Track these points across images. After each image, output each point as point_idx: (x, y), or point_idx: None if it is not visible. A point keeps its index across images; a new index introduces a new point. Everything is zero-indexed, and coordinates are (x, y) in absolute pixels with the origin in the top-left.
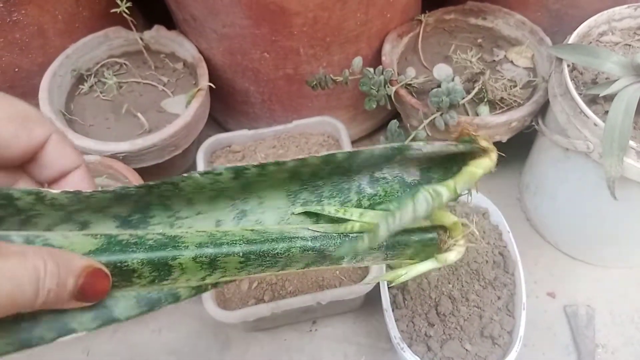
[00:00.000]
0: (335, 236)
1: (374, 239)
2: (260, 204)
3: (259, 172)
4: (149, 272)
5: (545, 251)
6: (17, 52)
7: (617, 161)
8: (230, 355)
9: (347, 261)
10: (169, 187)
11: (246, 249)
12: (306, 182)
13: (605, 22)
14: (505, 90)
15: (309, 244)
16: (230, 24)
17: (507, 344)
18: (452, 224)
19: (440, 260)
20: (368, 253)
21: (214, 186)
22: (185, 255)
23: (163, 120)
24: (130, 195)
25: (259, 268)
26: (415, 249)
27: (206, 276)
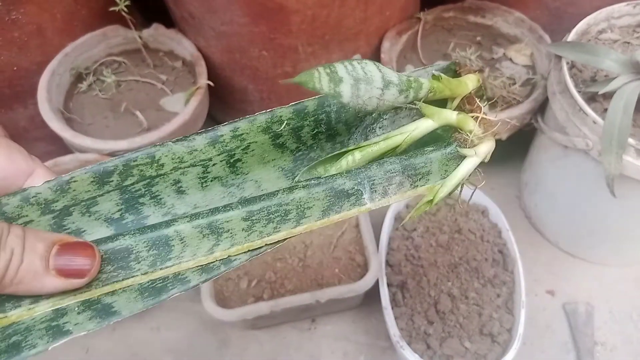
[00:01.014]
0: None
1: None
2: (258, 187)
3: (233, 134)
4: (146, 250)
5: (545, 249)
6: (16, 51)
7: (616, 159)
8: (229, 354)
9: (368, 196)
10: (145, 160)
11: (246, 208)
12: (297, 154)
13: (604, 19)
14: (505, 88)
15: (313, 183)
16: (229, 21)
17: (507, 341)
18: (459, 121)
19: (473, 154)
20: (386, 180)
21: (195, 159)
22: (181, 224)
23: (162, 119)
24: (110, 172)
25: (270, 226)
26: (440, 163)
27: (213, 247)
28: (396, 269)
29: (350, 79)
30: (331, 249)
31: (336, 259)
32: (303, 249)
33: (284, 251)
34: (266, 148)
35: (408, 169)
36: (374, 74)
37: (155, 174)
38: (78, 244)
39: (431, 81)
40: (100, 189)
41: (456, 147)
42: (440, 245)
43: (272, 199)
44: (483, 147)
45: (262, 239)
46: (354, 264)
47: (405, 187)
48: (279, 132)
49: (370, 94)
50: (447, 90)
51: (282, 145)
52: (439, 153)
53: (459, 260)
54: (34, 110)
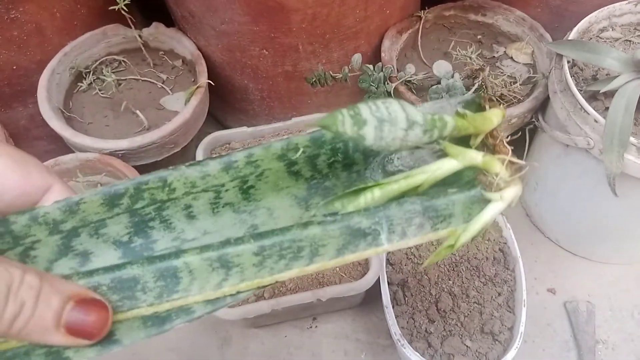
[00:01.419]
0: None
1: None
2: (270, 215)
3: (247, 160)
4: (153, 280)
5: (546, 247)
6: (15, 50)
7: (617, 157)
8: (230, 352)
9: (386, 237)
10: (157, 183)
11: (258, 243)
12: (311, 182)
13: (606, 18)
14: (505, 87)
15: (329, 220)
16: (229, 20)
17: (508, 340)
18: (485, 163)
19: (499, 198)
20: (406, 220)
21: (207, 184)
22: (191, 255)
23: (162, 118)
24: (121, 194)
25: (282, 262)
26: (463, 206)
27: (222, 281)
28: (397, 267)
29: (374, 120)
30: None
31: None
32: None
33: None
34: (280, 175)
35: (429, 210)
36: (398, 114)
37: (166, 198)
38: (94, 302)
39: (456, 119)
40: (109, 211)
41: (481, 191)
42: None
43: (286, 234)
44: (509, 192)
45: (272, 276)
46: (355, 262)
47: (426, 229)
48: (294, 160)
49: (393, 135)
50: (472, 127)
51: (296, 173)
52: (462, 196)
53: (460, 258)
54: (34, 109)
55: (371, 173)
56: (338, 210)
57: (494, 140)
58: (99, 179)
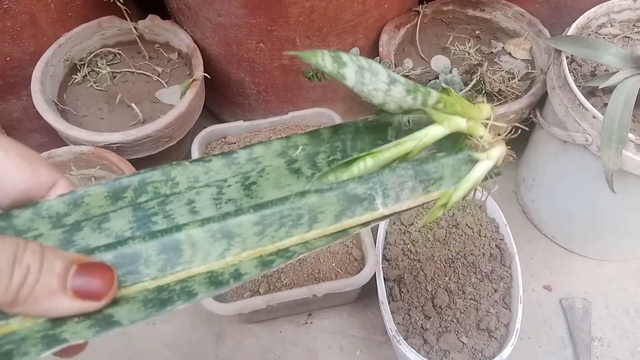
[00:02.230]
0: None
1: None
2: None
3: (249, 157)
4: (156, 254)
5: (542, 244)
6: (9, 41)
7: (615, 154)
8: (225, 347)
9: (381, 201)
10: (160, 177)
11: (259, 212)
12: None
13: (605, 14)
14: (503, 82)
15: (325, 188)
16: (226, 13)
17: (504, 336)
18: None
19: (485, 157)
20: (399, 185)
21: (210, 179)
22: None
23: (157, 111)
24: (125, 187)
25: (282, 230)
26: (452, 168)
27: (225, 251)
28: (393, 263)
29: (354, 65)
30: None
31: (333, 253)
32: None
33: None
34: (281, 172)
35: (420, 174)
36: (379, 69)
37: (169, 192)
38: (97, 265)
39: (440, 93)
40: (113, 204)
41: (468, 152)
42: (437, 239)
43: (285, 203)
44: (495, 151)
45: (274, 244)
46: (351, 258)
47: (418, 192)
48: (294, 158)
49: (375, 85)
50: (459, 106)
51: (297, 170)
52: (451, 158)
53: (456, 255)
54: (28, 101)
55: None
56: (333, 182)
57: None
58: (93, 172)
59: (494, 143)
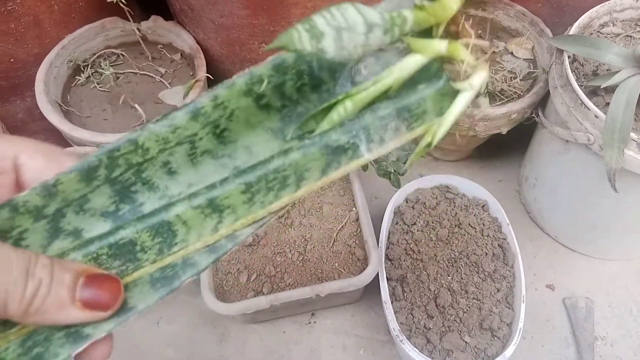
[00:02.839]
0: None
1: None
2: (250, 153)
3: (214, 104)
4: (150, 239)
5: (545, 243)
6: (13, 43)
7: (618, 153)
8: (229, 347)
9: (365, 147)
10: (129, 148)
11: (243, 180)
12: (284, 111)
13: (607, 13)
14: (505, 82)
15: (307, 143)
16: (228, 13)
17: (507, 336)
18: (450, 50)
19: (468, 87)
20: (382, 127)
21: (180, 137)
22: (181, 206)
23: (161, 112)
24: (95, 167)
25: (271, 194)
26: (434, 100)
27: (217, 225)
28: (396, 263)
29: (332, 30)
30: (331, 243)
31: (336, 253)
32: (303, 243)
33: (284, 245)
34: (251, 111)
35: (402, 111)
36: (355, 18)
37: (142, 160)
38: (104, 276)
39: (415, 12)
40: (89, 185)
41: (449, 82)
42: (440, 239)
43: (268, 166)
44: (476, 78)
45: (264, 209)
46: (354, 258)
47: (402, 131)
48: (261, 93)
49: (354, 42)
50: (432, 18)
51: (267, 105)
52: (432, 90)
53: (459, 254)
54: (32, 102)
55: (341, 88)
56: (312, 130)
57: (456, 27)
58: None
59: (475, 67)
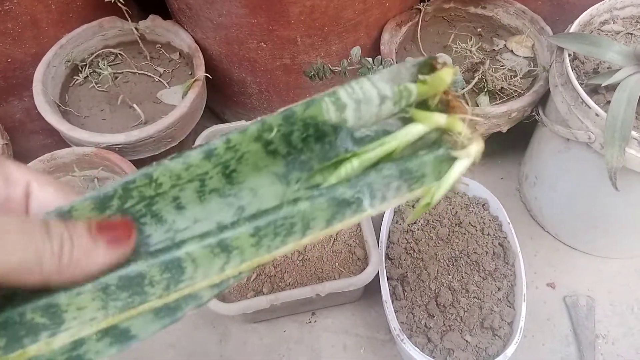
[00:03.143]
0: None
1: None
2: (254, 195)
3: (226, 146)
4: (159, 274)
5: (545, 242)
6: (10, 43)
7: (619, 152)
8: (229, 347)
9: (368, 203)
10: (144, 181)
11: (253, 224)
12: (288, 158)
13: (607, 10)
14: (506, 80)
15: (315, 194)
16: (227, 13)
17: (508, 335)
18: (448, 123)
19: (464, 155)
20: (385, 185)
21: (192, 174)
22: (192, 245)
23: (159, 112)
24: (110, 197)
25: (278, 239)
26: (433, 165)
27: (224, 265)
28: (396, 262)
29: (353, 102)
30: (331, 242)
31: (336, 253)
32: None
33: None
34: (259, 156)
35: (404, 173)
36: (371, 92)
37: (154, 193)
38: (110, 219)
39: (418, 86)
40: (101, 214)
41: (448, 150)
42: (440, 238)
43: (278, 212)
44: (473, 148)
45: (270, 253)
46: (354, 257)
47: (403, 190)
48: (270, 140)
49: (370, 112)
50: (431, 90)
51: (274, 151)
52: (431, 156)
53: (460, 253)
54: (30, 102)
55: (342, 141)
56: (320, 183)
57: (446, 96)
58: (95, 173)
59: (471, 139)
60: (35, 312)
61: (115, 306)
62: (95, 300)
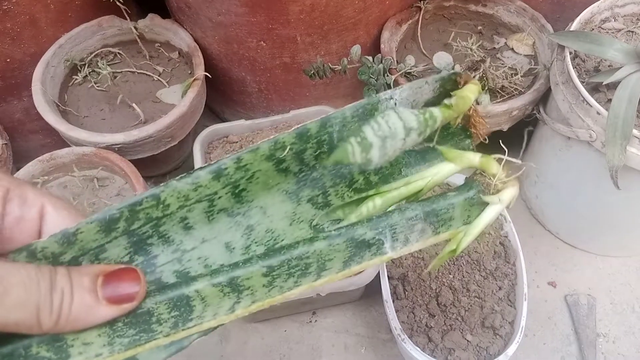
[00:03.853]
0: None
1: (365, 149)
2: (264, 213)
3: (237, 166)
4: (167, 312)
5: (546, 240)
6: (9, 42)
7: (620, 150)
8: (230, 347)
9: (390, 245)
10: (151, 202)
11: (267, 262)
12: (300, 176)
13: (608, 8)
14: (506, 79)
15: (334, 234)
16: (226, 11)
17: (509, 334)
18: (482, 163)
19: (497, 201)
20: (408, 227)
21: (200, 195)
22: (201, 283)
23: (158, 111)
24: (116, 219)
25: (291, 280)
26: (462, 208)
27: (234, 305)
28: (397, 261)
29: (379, 140)
30: None
31: None
32: None
33: None
34: (270, 174)
35: (430, 215)
36: (397, 125)
37: (161, 215)
38: (121, 270)
39: (443, 111)
40: (107, 236)
41: (479, 193)
42: None
43: (293, 251)
44: (507, 193)
45: (282, 294)
46: None
47: (427, 234)
48: (282, 158)
49: (394, 147)
50: (455, 113)
51: (285, 169)
52: (461, 198)
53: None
54: (29, 102)
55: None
56: (340, 218)
57: (468, 112)
58: (95, 173)
59: (506, 183)
60: (40, 346)
61: (121, 343)
62: (101, 337)
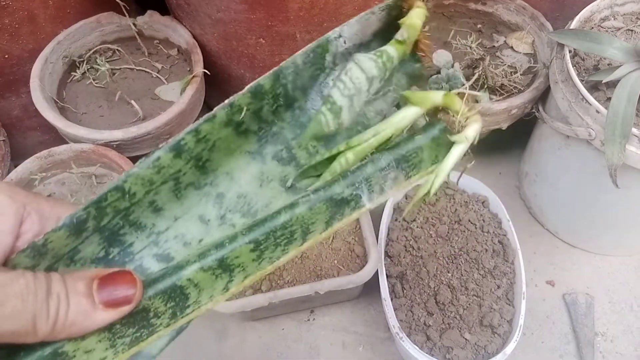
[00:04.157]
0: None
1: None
2: (231, 179)
3: (196, 139)
4: (163, 304)
5: (545, 239)
6: (7, 38)
7: (619, 149)
8: (227, 345)
9: (367, 197)
10: (116, 195)
11: (251, 237)
12: (260, 133)
13: (608, 7)
14: (506, 77)
15: (312, 198)
16: (225, 8)
17: (507, 333)
18: (445, 101)
19: (463, 139)
20: (382, 177)
21: (164, 176)
22: (191, 269)
23: (157, 108)
24: (84, 220)
25: (279, 249)
26: (430, 149)
27: (228, 284)
28: (395, 260)
29: (347, 100)
30: (330, 240)
31: (335, 250)
32: None
33: None
34: (231, 139)
35: (401, 161)
36: (360, 78)
37: (129, 204)
38: (115, 273)
39: (397, 48)
40: (78, 238)
41: (444, 133)
42: (439, 236)
43: (276, 221)
44: (471, 130)
45: (272, 264)
46: (353, 255)
47: (400, 180)
48: (240, 121)
49: (361, 100)
50: (409, 44)
51: (245, 131)
52: (428, 138)
53: (459, 251)
54: (27, 99)
55: (312, 103)
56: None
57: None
58: (93, 170)
59: (470, 119)
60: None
61: (123, 343)
62: (102, 342)
